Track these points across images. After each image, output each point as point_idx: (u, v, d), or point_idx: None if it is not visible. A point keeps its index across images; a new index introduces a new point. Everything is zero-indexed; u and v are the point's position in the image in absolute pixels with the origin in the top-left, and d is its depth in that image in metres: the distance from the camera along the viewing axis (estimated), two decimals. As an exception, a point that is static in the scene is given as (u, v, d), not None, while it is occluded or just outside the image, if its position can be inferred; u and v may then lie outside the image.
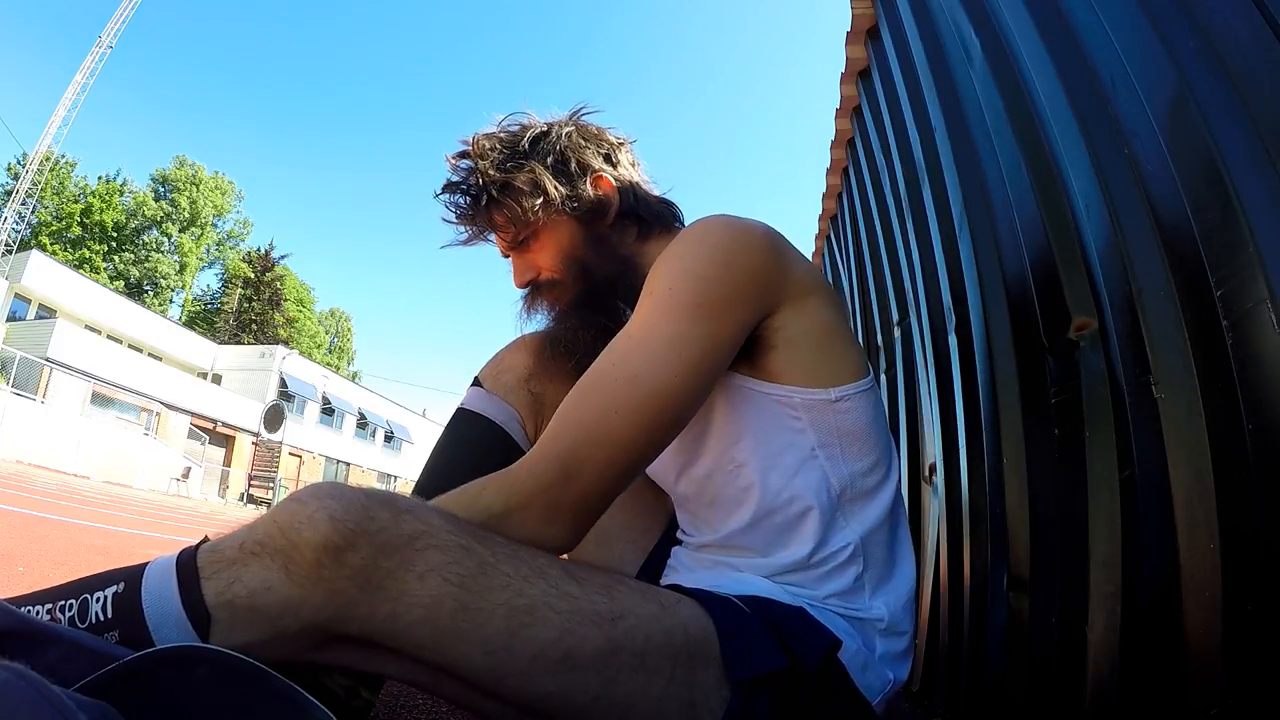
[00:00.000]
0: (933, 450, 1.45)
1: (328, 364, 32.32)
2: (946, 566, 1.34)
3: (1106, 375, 0.83)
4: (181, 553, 0.53)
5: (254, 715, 0.43)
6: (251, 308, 32.92)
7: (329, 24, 53.94)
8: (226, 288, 33.58)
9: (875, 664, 0.67)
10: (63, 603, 0.51)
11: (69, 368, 14.85)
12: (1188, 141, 0.67)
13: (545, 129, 0.84)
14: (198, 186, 32.35)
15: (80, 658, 0.44)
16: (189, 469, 15.97)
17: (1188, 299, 0.68)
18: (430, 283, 63.48)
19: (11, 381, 12.90)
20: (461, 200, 0.83)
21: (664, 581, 0.82)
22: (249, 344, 27.76)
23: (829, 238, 2.92)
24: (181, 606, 0.50)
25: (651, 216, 0.86)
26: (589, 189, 0.82)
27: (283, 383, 21.87)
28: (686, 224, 0.87)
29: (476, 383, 0.93)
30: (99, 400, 15.85)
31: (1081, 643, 0.82)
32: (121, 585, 0.52)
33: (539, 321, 0.87)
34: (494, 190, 0.80)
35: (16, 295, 17.52)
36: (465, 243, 0.87)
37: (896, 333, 1.84)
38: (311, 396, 22.70)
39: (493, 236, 0.86)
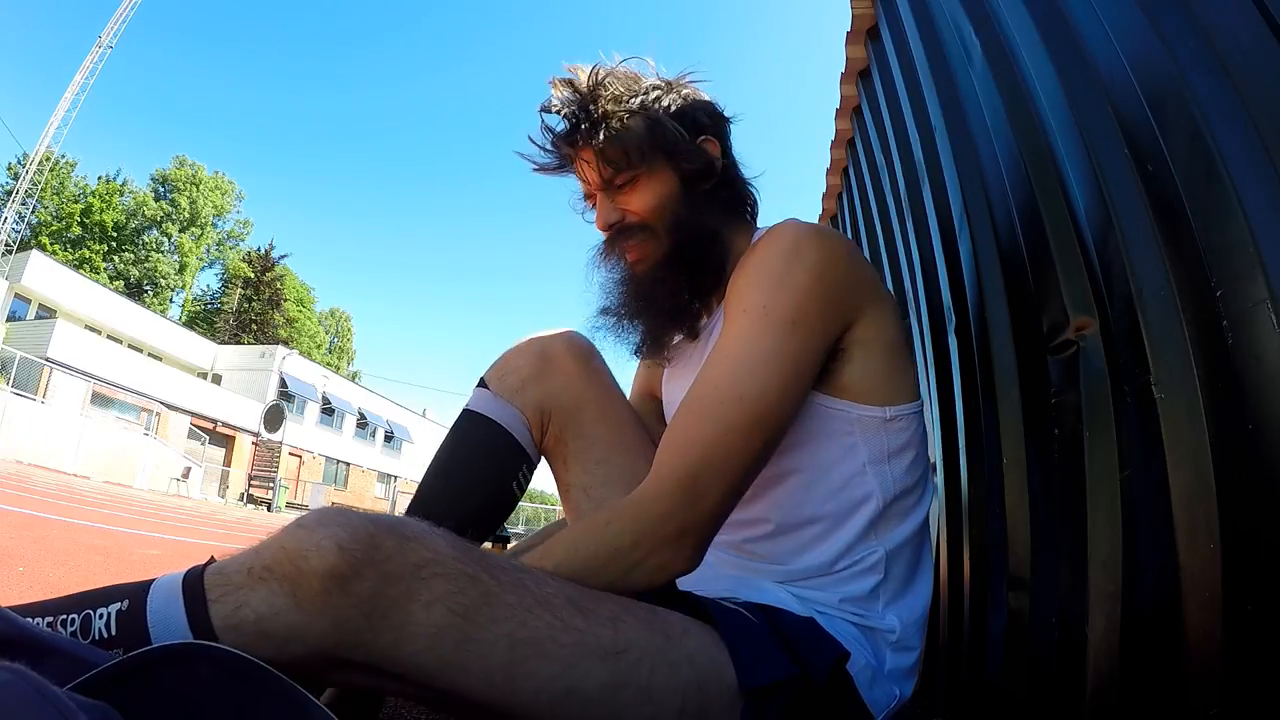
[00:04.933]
0: (933, 450, 1.45)
1: (328, 364, 32.32)
2: (946, 566, 1.34)
3: (1106, 375, 0.83)
4: (188, 573, 0.53)
5: (256, 714, 0.43)
6: (251, 308, 32.91)
7: (329, 23, 53.96)
8: (226, 288, 33.57)
9: (883, 679, 0.67)
10: (64, 616, 0.51)
11: (69, 368, 14.84)
12: (1188, 141, 0.67)
13: (665, 82, 0.82)
14: (198, 186, 32.35)
15: (79, 670, 0.44)
16: (189, 469, 15.96)
17: (1188, 299, 0.68)
18: (430, 283, 63.51)
19: (11, 381, 12.89)
20: (568, 125, 0.79)
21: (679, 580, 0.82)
22: (249, 344, 27.75)
23: (829, 238, 2.92)
24: (189, 628, 0.50)
25: (742, 195, 0.85)
26: (698, 147, 0.80)
27: (283, 383, 21.86)
28: (759, 221, 0.88)
29: (482, 383, 0.93)
30: (99, 400, 15.84)
31: (1081, 643, 0.82)
32: (125, 603, 0.51)
33: (611, 269, 0.82)
34: (612, 123, 0.76)
35: (16, 295, 17.52)
36: (544, 169, 0.83)
37: (896, 333, 1.84)
38: (311, 396, 22.68)
39: (585, 171, 0.81)
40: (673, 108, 0.79)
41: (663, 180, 0.79)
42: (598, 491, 0.89)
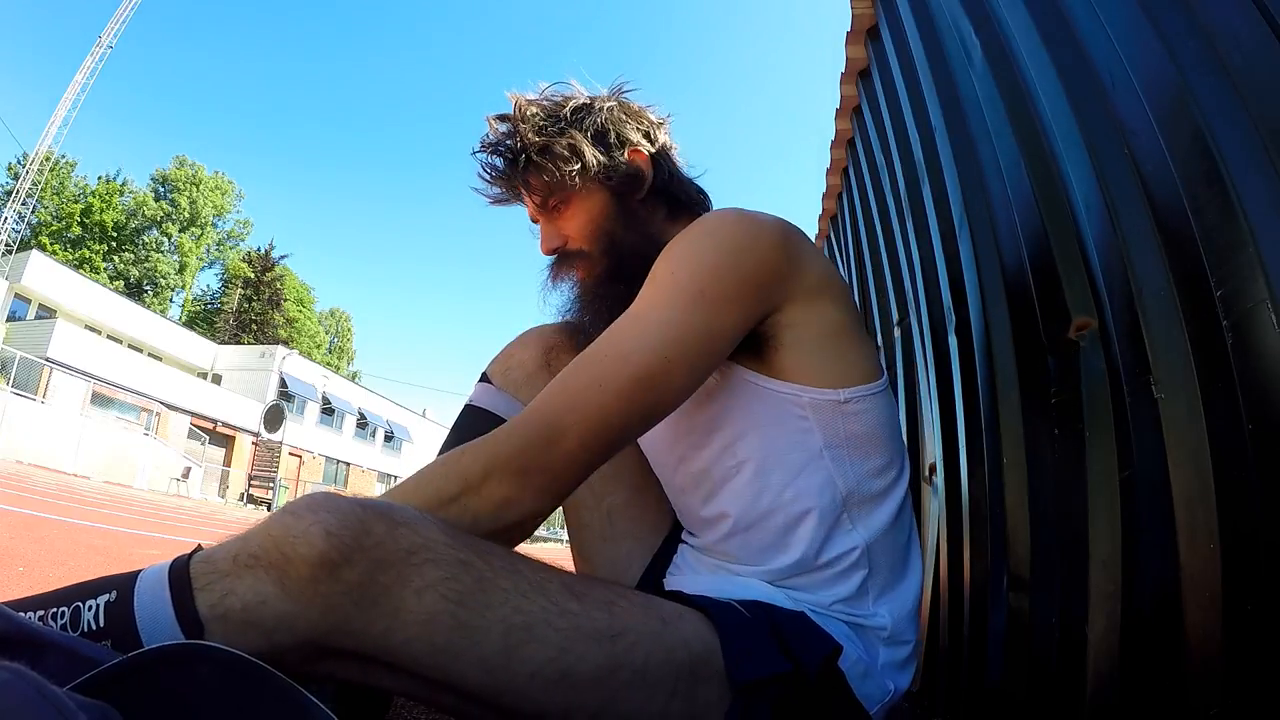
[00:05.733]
0: (933, 450, 1.45)
1: (328, 364, 32.33)
2: (946, 566, 1.34)
3: (1106, 375, 0.83)
4: (174, 562, 0.52)
5: (256, 715, 0.43)
6: (251, 308, 32.91)
7: (329, 22, 53.97)
8: (226, 288, 33.57)
9: (876, 673, 0.67)
10: (55, 610, 0.50)
11: (69, 368, 14.84)
12: (1188, 141, 0.67)
13: (588, 100, 0.84)
14: (198, 186, 32.35)
15: (77, 665, 0.44)
16: (189, 469, 15.97)
17: (1188, 299, 0.68)
18: (431, 282, 63.52)
19: (11, 381, 12.89)
20: (498, 161, 0.83)
21: (668, 580, 0.82)
22: (249, 344, 27.76)
23: (829, 238, 2.92)
24: (175, 617, 0.49)
25: (684, 197, 0.86)
26: (625, 161, 0.82)
27: (283, 383, 21.86)
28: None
29: (485, 378, 0.92)
30: (99, 400, 15.84)
31: (1081, 643, 0.82)
32: (114, 594, 0.51)
33: (562, 292, 0.86)
34: (532, 153, 0.80)
35: (16, 295, 17.52)
36: (496, 202, 0.87)
37: (896, 333, 1.84)
38: (311, 396, 22.68)
39: (524, 199, 0.85)
40: (593, 127, 0.81)
41: (594, 199, 0.81)
42: (600, 486, 0.89)
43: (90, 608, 0.50)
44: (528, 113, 0.81)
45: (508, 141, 0.82)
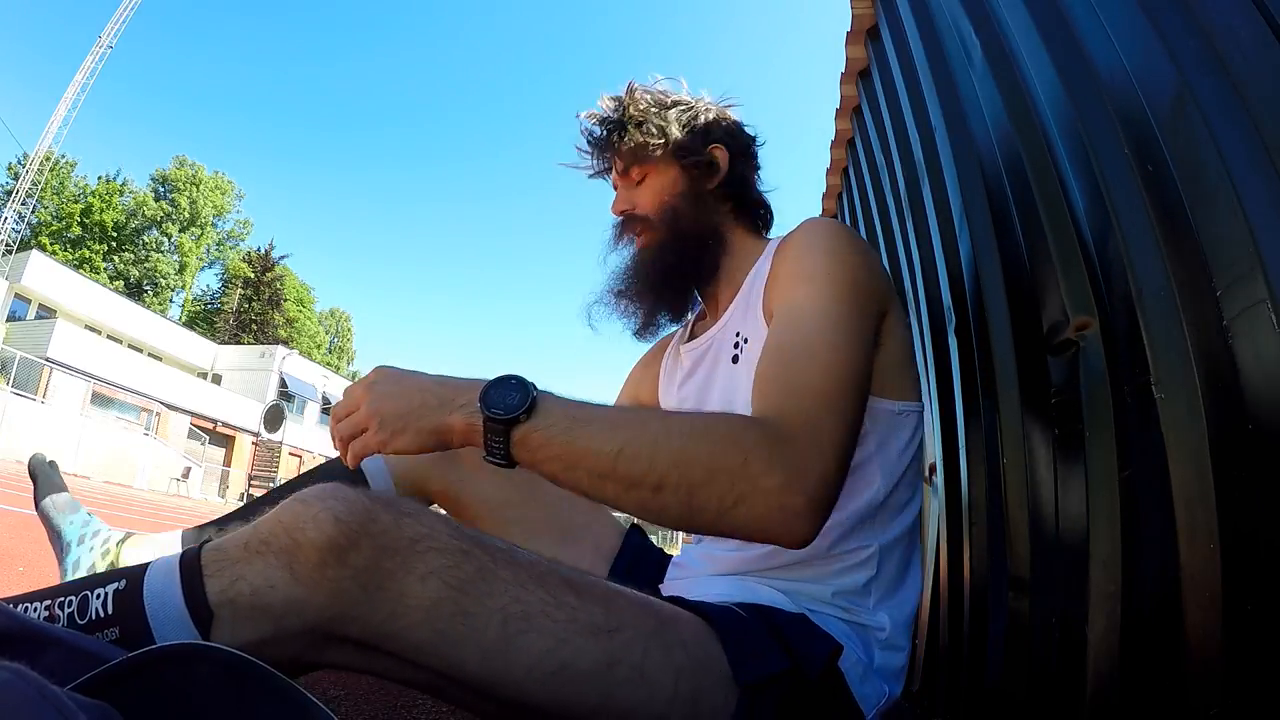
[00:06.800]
0: (933, 450, 1.45)
1: (328, 364, 32.34)
2: (946, 566, 1.34)
3: (1106, 375, 0.83)
4: (185, 551, 0.53)
5: (256, 715, 0.43)
6: (251, 308, 32.92)
7: (329, 22, 53.97)
8: (226, 288, 33.59)
9: (874, 675, 0.68)
10: (62, 599, 0.51)
11: (69, 368, 14.85)
12: (1188, 141, 0.67)
13: (691, 99, 0.93)
14: (198, 186, 32.35)
15: (79, 661, 0.44)
16: (189, 469, 15.98)
17: (1188, 299, 0.68)
18: (431, 283, 63.53)
19: (11, 381, 12.89)
20: (597, 128, 0.92)
21: (668, 580, 0.82)
22: (249, 344, 27.76)
23: (829, 238, 2.92)
24: (184, 603, 0.49)
25: (749, 204, 0.92)
26: (705, 150, 0.89)
27: (283, 383, 21.88)
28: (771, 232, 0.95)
29: None
30: (99, 400, 15.85)
31: (1081, 643, 0.82)
32: (123, 582, 0.51)
33: (621, 254, 0.91)
34: (629, 124, 0.89)
35: (16, 295, 17.52)
36: (594, 175, 0.96)
37: (896, 333, 1.84)
38: (311, 396, 22.70)
39: (612, 163, 0.93)
40: (687, 116, 0.89)
41: (670, 176, 0.88)
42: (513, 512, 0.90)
43: (99, 595, 0.51)
44: (636, 94, 0.91)
45: (611, 114, 0.91)
